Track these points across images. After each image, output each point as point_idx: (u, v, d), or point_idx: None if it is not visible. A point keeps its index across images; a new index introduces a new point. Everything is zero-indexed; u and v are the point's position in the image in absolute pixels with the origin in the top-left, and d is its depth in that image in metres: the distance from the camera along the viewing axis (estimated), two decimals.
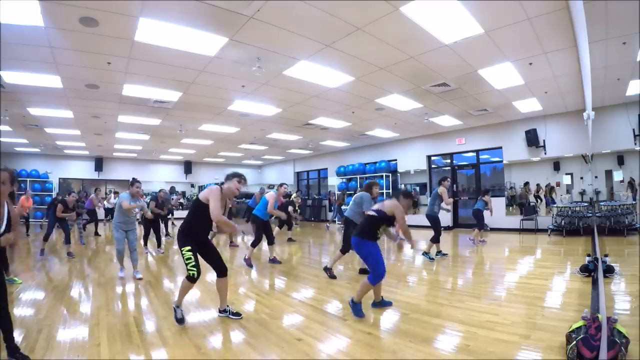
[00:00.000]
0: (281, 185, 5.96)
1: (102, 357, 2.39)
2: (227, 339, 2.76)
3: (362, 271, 4.80)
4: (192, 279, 2.89)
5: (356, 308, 3.17)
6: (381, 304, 3.41)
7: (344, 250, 4.74)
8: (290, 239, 8.60)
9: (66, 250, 6.36)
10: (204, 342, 2.68)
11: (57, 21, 4.07)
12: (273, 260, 5.74)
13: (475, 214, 7.29)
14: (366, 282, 3.16)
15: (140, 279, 4.59)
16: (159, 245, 7.09)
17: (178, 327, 2.97)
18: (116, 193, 11.72)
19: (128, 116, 8.53)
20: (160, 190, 8.10)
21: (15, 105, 7.31)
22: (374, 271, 3.15)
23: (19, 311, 3.34)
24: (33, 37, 4.37)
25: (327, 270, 4.75)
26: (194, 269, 2.87)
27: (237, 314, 3.16)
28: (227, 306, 3.21)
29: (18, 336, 2.71)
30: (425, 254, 5.84)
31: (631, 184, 7.92)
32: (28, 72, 5.55)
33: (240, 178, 3.02)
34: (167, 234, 9.48)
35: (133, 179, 4.90)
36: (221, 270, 3.10)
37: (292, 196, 10.53)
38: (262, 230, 5.65)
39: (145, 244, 7.16)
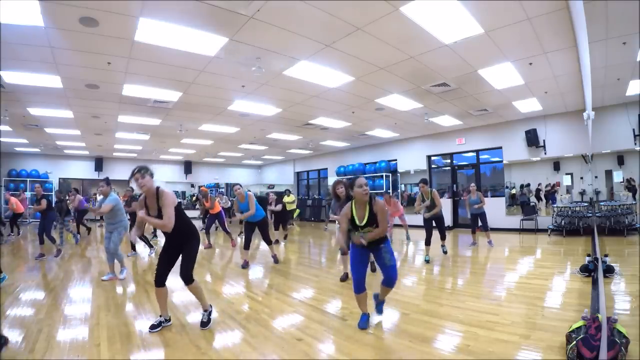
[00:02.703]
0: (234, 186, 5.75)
1: (102, 357, 2.39)
2: (227, 339, 2.76)
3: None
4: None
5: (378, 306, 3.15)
6: (377, 300, 3.21)
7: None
8: (276, 241, 8.22)
9: (54, 250, 6.31)
10: (204, 342, 2.68)
11: (57, 21, 4.07)
12: (273, 258, 5.79)
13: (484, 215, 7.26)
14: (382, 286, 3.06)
15: (103, 280, 4.56)
16: (149, 247, 6.84)
17: (178, 327, 2.98)
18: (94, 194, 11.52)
19: (128, 116, 8.52)
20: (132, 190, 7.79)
21: (15, 105, 7.31)
22: None
23: (19, 311, 3.34)
24: (33, 37, 4.37)
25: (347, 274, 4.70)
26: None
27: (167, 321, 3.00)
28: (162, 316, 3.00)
29: (18, 336, 2.71)
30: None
31: (629, 182, 7.92)
32: (28, 72, 5.55)
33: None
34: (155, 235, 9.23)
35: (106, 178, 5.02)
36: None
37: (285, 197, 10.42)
38: (251, 231, 5.63)
39: (133, 247, 6.71)
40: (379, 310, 3.20)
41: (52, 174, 14.78)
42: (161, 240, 9.16)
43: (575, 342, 2.18)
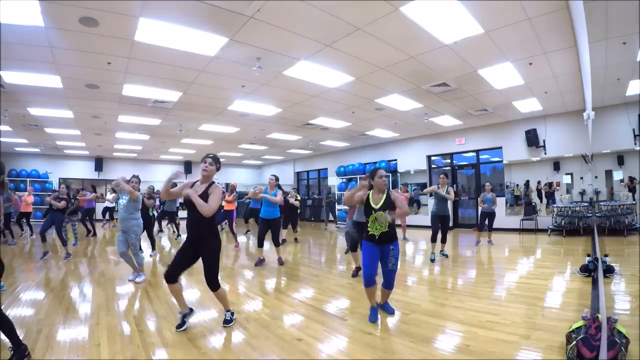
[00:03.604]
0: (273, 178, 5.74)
1: (102, 357, 2.39)
2: (227, 339, 2.76)
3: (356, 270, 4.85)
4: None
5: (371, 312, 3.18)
6: (382, 307, 3.32)
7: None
8: (283, 241, 8.52)
9: (64, 252, 6.32)
10: (204, 342, 2.68)
11: (57, 21, 4.07)
12: (278, 260, 5.77)
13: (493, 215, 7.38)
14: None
15: (137, 282, 4.51)
16: (152, 247, 6.78)
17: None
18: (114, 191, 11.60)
19: (128, 116, 8.53)
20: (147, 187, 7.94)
21: (15, 105, 7.31)
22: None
23: (19, 311, 3.34)
24: (33, 37, 4.37)
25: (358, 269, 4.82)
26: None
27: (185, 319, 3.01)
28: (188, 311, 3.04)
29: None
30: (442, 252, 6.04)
31: (631, 181, 7.91)
32: (28, 72, 5.54)
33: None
34: (178, 235, 9.20)
35: (132, 175, 4.99)
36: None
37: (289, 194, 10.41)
38: (265, 230, 5.67)
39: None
40: (389, 311, 3.25)
41: (52, 174, 14.77)
42: (163, 239, 9.17)
43: (575, 342, 2.18)
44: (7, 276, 4.70)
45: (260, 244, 5.69)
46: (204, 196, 2.87)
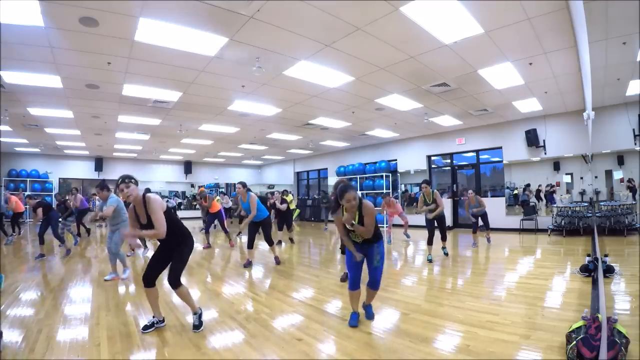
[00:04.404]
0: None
1: (102, 357, 2.39)
2: (227, 339, 2.75)
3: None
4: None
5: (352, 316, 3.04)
6: (364, 308, 3.18)
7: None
8: (279, 242, 8.43)
9: (64, 250, 6.31)
10: (204, 342, 2.68)
11: (57, 21, 4.07)
12: (275, 259, 5.78)
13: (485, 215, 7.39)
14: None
15: (122, 279, 4.57)
16: (144, 246, 6.85)
17: (178, 327, 2.98)
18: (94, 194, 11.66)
19: (128, 116, 8.53)
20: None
21: (15, 105, 7.31)
22: None
23: (19, 311, 3.34)
24: (33, 37, 4.37)
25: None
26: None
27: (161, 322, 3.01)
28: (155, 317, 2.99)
29: (18, 336, 2.71)
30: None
31: (630, 181, 7.92)
32: (28, 72, 5.55)
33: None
34: None
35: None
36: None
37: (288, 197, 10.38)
38: (254, 231, 5.67)
39: (133, 249, 6.56)
40: (369, 316, 3.11)
41: (52, 174, 14.78)
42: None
43: (575, 342, 2.18)
44: (6, 276, 4.71)
45: (250, 246, 5.63)
46: (149, 220, 2.73)
